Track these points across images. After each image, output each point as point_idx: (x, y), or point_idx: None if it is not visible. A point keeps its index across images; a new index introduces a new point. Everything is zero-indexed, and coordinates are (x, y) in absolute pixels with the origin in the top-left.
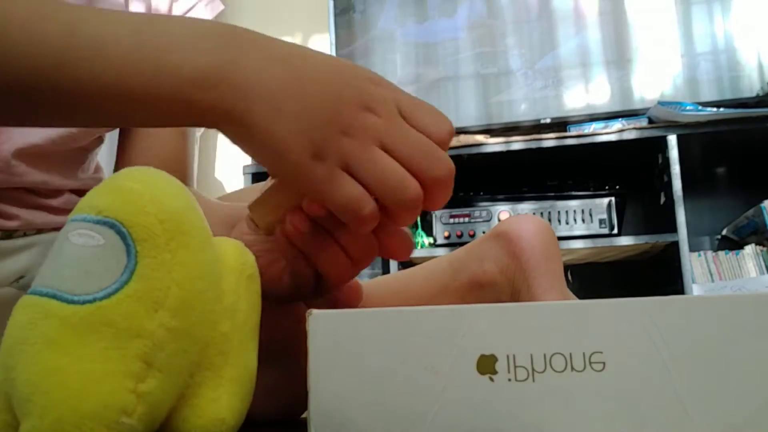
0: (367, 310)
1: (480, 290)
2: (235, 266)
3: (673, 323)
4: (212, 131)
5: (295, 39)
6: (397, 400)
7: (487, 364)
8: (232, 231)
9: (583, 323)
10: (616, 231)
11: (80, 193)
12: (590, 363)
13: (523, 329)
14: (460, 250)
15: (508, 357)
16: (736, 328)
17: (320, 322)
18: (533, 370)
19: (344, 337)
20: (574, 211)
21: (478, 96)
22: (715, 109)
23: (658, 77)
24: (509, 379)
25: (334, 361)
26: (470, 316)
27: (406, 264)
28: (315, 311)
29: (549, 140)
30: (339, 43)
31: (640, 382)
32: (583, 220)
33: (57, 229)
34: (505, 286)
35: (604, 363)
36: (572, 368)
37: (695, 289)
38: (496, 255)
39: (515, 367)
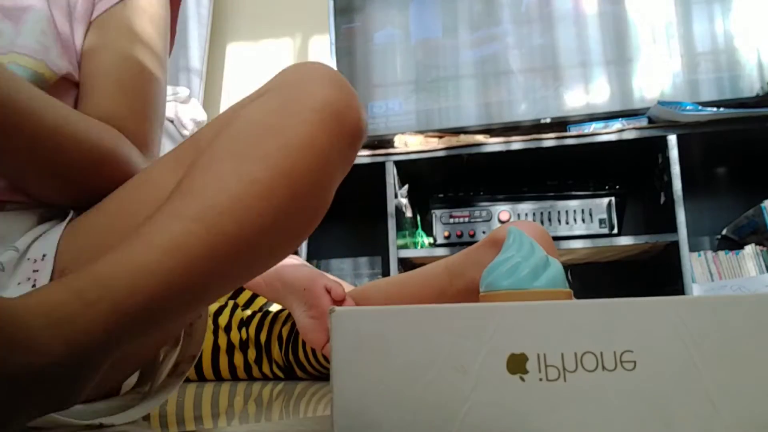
0: (393, 307)
1: (477, 296)
2: None
3: (703, 322)
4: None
5: (295, 39)
6: (424, 400)
7: (517, 364)
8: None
9: (614, 322)
10: (616, 231)
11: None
12: (621, 362)
13: (554, 328)
14: (456, 256)
15: (538, 356)
16: (765, 327)
17: (343, 320)
18: (564, 369)
19: (368, 335)
20: (574, 211)
21: (478, 96)
22: (715, 109)
23: (658, 77)
24: (540, 379)
25: (358, 359)
26: (500, 314)
27: (406, 266)
28: (338, 308)
29: (549, 140)
30: (339, 44)
31: (670, 381)
32: (583, 220)
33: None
34: None
35: (634, 362)
36: (603, 367)
37: (695, 289)
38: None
39: (546, 366)
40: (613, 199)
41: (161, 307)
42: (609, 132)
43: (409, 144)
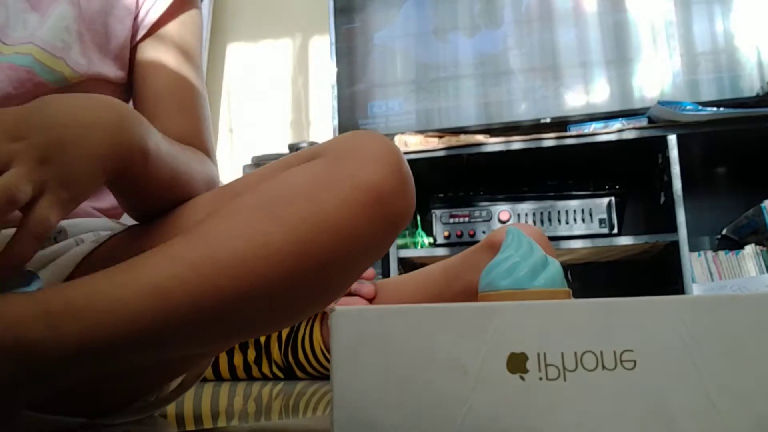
0: (393, 307)
1: (474, 298)
2: None
3: (702, 321)
4: (213, 126)
5: (295, 39)
6: (424, 400)
7: (517, 363)
8: None
9: (614, 321)
10: (616, 231)
11: None
12: (621, 361)
13: (554, 327)
14: (453, 258)
15: (538, 355)
16: (765, 326)
17: (343, 320)
18: (564, 368)
19: (368, 334)
20: (574, 211)
21: (478, 96)
22: (715, 109)
23: (658, 77)
24: (540, 378)
25: (358, 359)
26: (500, 313)
27: (406, 266)
28: (338, 308)
29: (549, 140)
30: (339, 44)
31: (670, 380)
32: (583, 220)
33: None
34: None
35: (634, 361)
36: (603, 366)
37: (695, 289)
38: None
39: (546, 365)
40: (613, 199)
41: (127, 345)
42: (609, 132)
43: (409, 144)
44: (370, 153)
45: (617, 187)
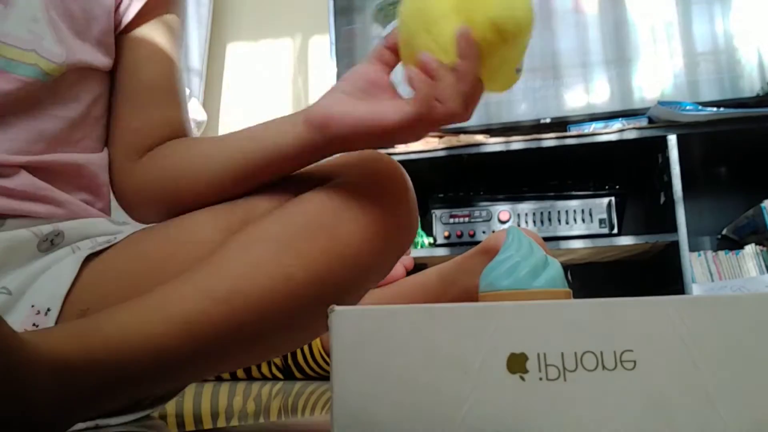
0: (393, 307)
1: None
2: None
3: (702, 322)
4: (213, 126)
5: (295, 39)
6: (424, 400)
7: (517, 363)
8: None
9: (614, 322)
10: (616, 231)
11: (40, 170)
12: (621, 361)
13: (554, 327)
14: (448, 264)
15: (539, 355)
16: (765, 326)
17: (344, 319)
18: (564, 368)
19: (369, 334)
20: (574, 211)
21: None
22: (715, 109)
23: (658, 77)
24: (540, 378)
25: (358, 359)
26: (500, 313)
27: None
28: (338, 308)
29: (549, 140)
30: (339, 44)
31: (670, 380)
32: (583, 220)
33: (17, 216)
34: None
35: (634, 361)
36: (603, 367)
37: (695, 289)
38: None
39: (546, 365)
40: (613, 199)
41: (155, 374)
42: (609, 132)
43: (409, 144)
44: (383, 182)
45: (617, 187)
